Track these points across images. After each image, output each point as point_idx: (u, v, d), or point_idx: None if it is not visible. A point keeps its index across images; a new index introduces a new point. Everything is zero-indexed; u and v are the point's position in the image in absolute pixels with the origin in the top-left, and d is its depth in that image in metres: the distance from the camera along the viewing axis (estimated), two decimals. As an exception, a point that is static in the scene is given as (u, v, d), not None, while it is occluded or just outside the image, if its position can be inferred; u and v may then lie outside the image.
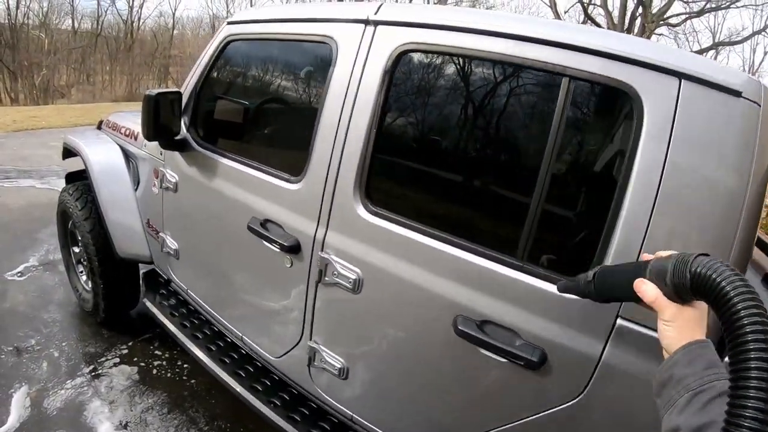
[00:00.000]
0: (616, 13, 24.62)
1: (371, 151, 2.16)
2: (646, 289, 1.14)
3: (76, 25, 46.27)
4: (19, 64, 42.06)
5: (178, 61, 48.32)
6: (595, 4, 26.44)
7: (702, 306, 1.11)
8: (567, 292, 1.56)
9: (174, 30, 50.12)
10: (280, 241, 2.42)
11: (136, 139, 3.68)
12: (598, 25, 25.20)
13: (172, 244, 3.30)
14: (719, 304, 0.96)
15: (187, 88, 3.08)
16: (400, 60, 2.12)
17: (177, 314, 3.44)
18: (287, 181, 2.46)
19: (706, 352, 1.05)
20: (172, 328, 3.33)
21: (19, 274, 5.22)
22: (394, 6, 2.22)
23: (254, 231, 2.56)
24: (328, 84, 2.31)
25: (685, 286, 1.05)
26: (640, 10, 23.69)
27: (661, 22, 23.46)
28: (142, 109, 2.84)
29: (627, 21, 24.00)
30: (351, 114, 2.21)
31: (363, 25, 2.25)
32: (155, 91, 2.81)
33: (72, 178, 4.43)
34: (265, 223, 2.55)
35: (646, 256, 1.23)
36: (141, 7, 47.21)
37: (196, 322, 3.37)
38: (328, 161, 2.28)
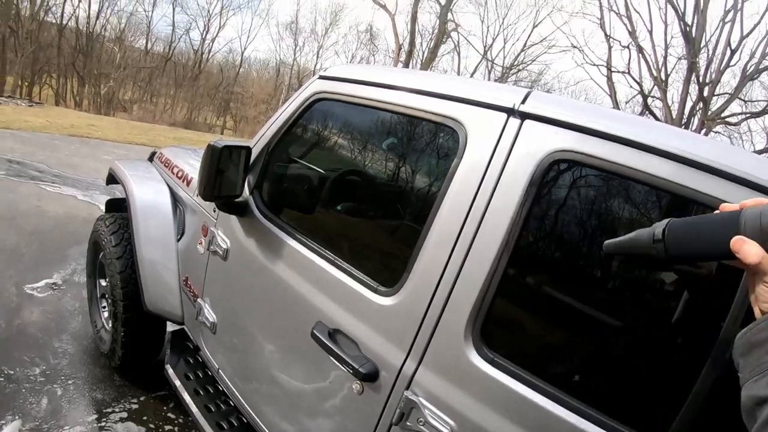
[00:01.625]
0: (675, 107, 24.37)
1: (499, 280, 1.50)
2: (748, 249, 0.89)
3: (149, 45, 47.34)
4: (89, 72, 42.76)
5: (239, 98, 48.98)
6: (654, 97, 26.38)
7: None
8: (619, 252, 1.11)
9: (240, 68, 50.89)
10: (354, 364, 1.74)
11: (188, 184, 3.06)
12: (657, 118, 25.20)
13: (210, 315, 2.63)
14: None
15: (258, 144, 2.45)
16: (552, 169, 1.49)
17: (202, 392, 2.76)
18: (374, 290, 1.79)
19: None
20: (194, 408, 2.65)
21: (39, 290, 4.63)
22: (548, 98, 1.63)
23: (319, 341, 1.88)
24: (448, 180, 1.68)
25: None
26: (700, 105, 23.25)
27: (718, 120, 22.80)
28: (203, 160, 2.23)
29: (686, 116, 23.66)
30: (478, 226, 1.56)
31: (505, 115, 1.62)
32: (222, 142, 2.21)
33: (113, 206, 3.90)
34: (335, 333, 1.87)
35: (730, 206, 0.98)
36: (213, 40, 48.26)
37: (222, 407, 2.67)
38: (437, 280, 1.61)
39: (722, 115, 23.11)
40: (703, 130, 21.91)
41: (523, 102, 1.60)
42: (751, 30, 22.37)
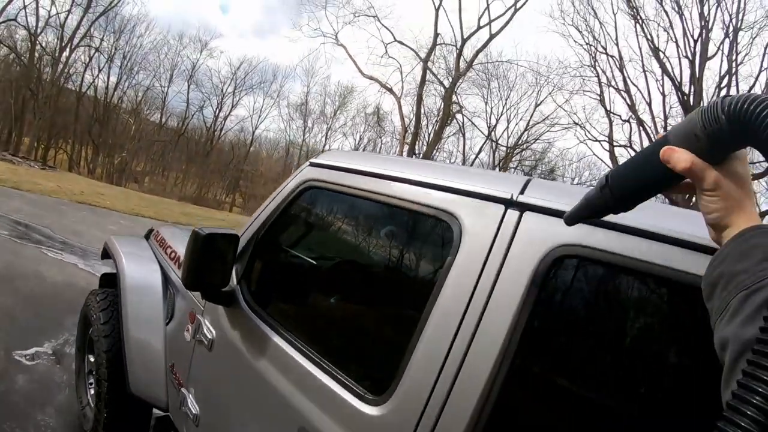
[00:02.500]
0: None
1: (500, 388, 1.30)
2: (675, 155, 0.83)
3: (163, 120, 48.20)
4: (104, 141, 43.24)
5: (248, 176, 49.49)
6: None
7: (746, 167, 0.84)
8: (578, 220, 1.04)
9: (251, 146, 51.72)
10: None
11: (180, 267, 2.91)
12: None
13: (193, 406, 2.42)
14: None
15: (247, 232, 2.33)
16: (556, 266, 1.30)
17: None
18: (361, 398, 1.59)
19: (765, 241, 0.74)
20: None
21: (28, 357, 4.41)
22: (550, 186, 1.48)
23: (302, 450, 1.67)
24: (443, 277, 1.49)
25: (723, 129, 0.76)
26: None
27: None
28: (187, 247, 2.09)
29: None
30: (475, 329, 1.37)
31: (503, 207, 1.45)
32: (207, 229, 2.06)
33: (107, 281, 3.72)
34: (320, 443, 1.67)
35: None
36: (225, 118, 49.26)
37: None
38: (430, 389, 1.42)
39: None
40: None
41: (521, 191, 1.44)
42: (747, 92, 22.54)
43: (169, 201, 25.75)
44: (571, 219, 1.03)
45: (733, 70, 22.61)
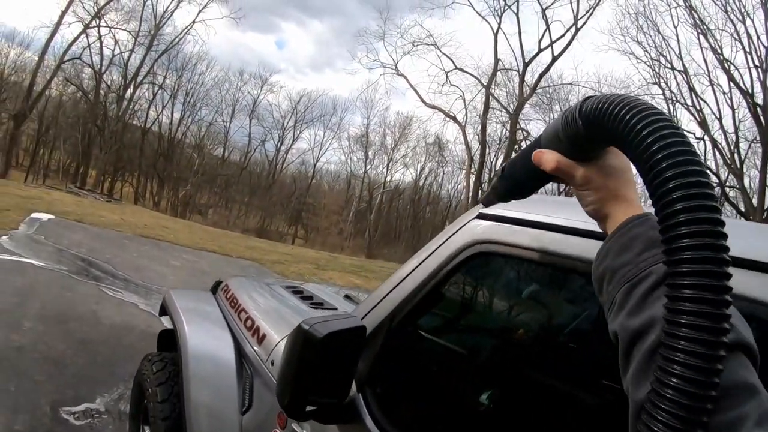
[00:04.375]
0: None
1: None
2: (544, 157, 0.88)
3: (226, 154, 49.21)
4: (169, 174, 44.34)
5: (310, 208, 50.02)
6: (732, 187, 25.24)
7: (621, 158, 0.84)
8: (492, 203, 1.14)
9: (312, 179, 52.29)
10: None
11: (260, 341, 2.23)
12: (738, 210, 24.32)
13: None
14: (621, 140, 0.71)
15: (372, 315, 1.60)
16: None
17: None
18: None
19: (644, 230, 0.76)
20: None
21: (76, 416, 3.82)
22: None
23: None
24: None
25: (579, 132, 0.79)
26: None
27: None
28: (286, 353, 1.39)
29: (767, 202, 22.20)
30: None
31: None
32: (323, 325, 1.33)
33: (166, 340, 3.11)
34: None
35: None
36: (287, 152, 50.03)
37: None
38: None
39: None
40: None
41: None
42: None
43: (232, 234, 25.67)
44: (488, 203, 1.17)
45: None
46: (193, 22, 41.48)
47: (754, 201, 22.61)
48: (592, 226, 1.15)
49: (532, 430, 1.37)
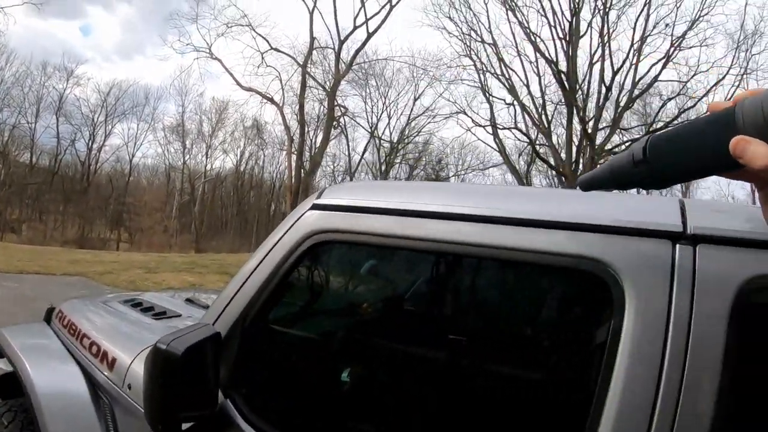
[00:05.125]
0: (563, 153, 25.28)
1: None
2: (754, 150, 0.63)
3: (34, 159, 44.81)
4: (-31, 192, 39.75)
5: (132, 209, 47.21)
6: (542, 144, 27.44)
7: None
8: (598, 188, 0.86)
9: (130, 176, 49.28)
10: None
11: (111, 367, 2.12)
12: (549, 165, 26.82)
13: None
14: None
15: (223, 318, 1.58)
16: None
17: None
18: None
19: None
20: None
21: None
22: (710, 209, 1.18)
23: None
24: (608, 352, 1.07)
25: None
26: (586, 143, 24.30)
27: (604, 153, 23.54)
28: (146, 375, 1.38)
29: (574, 155, 24.52)
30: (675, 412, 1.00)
31: (670, 244, 1.06)
32: (182, 341, 1.32)
33: (5, 384, 2.74)
34: None
35: (721, 104, 0.71)
36: (99, 150, 46.54)
37: None
38: None
39: (606, 147, 24.06)
40: (592, 165, 22.92)
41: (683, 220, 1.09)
42: (620, 66, 24.01)
43: (52, 249, 23.69)
44: (589, 185, 0.88)
45: (606, 49, 24.09)
46: None
47: (563, 155, 24.92)
48: (419, 206, 1.30)
49: (395, 394, 1.48)
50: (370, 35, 31.05)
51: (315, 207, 1.52)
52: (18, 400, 2.51)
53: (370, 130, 37.94)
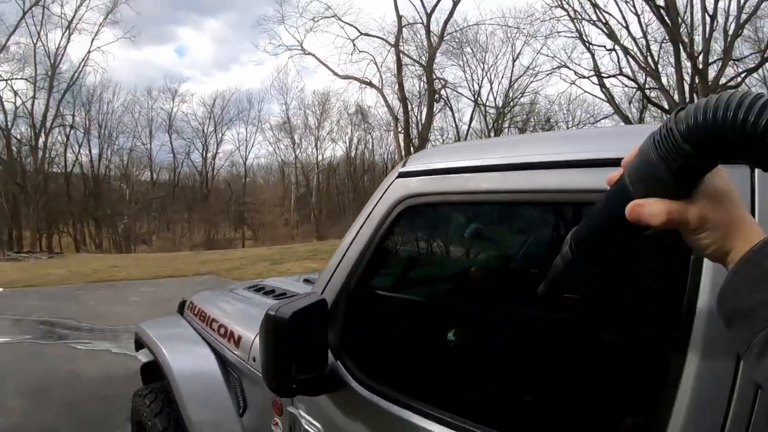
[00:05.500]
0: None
1: None
2: (646, 210, 0.68)
3: (154, 176, 48.00)
4: (103, 213, 43.12)
5: (251, 207, 49.24)
6: (652, 87, 26.13)
7: (723, 176, 0.69)
8: (552, 291, 0.90)
9: (246, 178, 51.46)
10: None
11: (238, 344, 2.33)
12: (662, 108, 25.32)
13: None
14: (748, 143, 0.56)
15: (329, 289, 1.71)
16: None
17: None
18: None
19: None
20: None
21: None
22: None
23: None
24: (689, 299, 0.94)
25: (689, 159, 0.62)
26: (698, 80, 22.71)
27: (719, 88, 21.62)
28: (262, 340, 1.52)
29: (687, 95, 23.01)
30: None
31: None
32: (286, 307, 1.46)
33: (149, 372, 3.09)
34: None
35: (613, 177, 0.76)
36: (214, 158, 49.04)
37: None
38: None
39: (720, 82, 22.31)
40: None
41: None
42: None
43: (182, 254, 25.31)
44: (546, 292, 0.91)
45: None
46: (89, 52, 39.93)
47: (675, 97, 23.45)
48: (505, 159, 1.30)
49: (501, 355, 1.51)
50: (456, 3, 30.67)
51: (401, 175, 1.58)
52: (158, 383, 2.78)
53: (473, 99, 37.40)
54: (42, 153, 39.19)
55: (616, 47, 25.43)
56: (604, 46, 26.55)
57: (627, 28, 25.01)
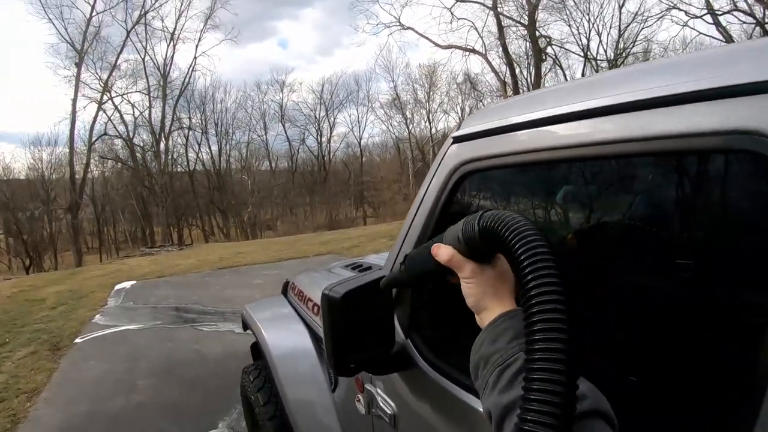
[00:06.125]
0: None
1: None
2: (440, 251, 1.01)
3: (273, 165, 49.74)
4: (228, 204, 45.31)
5: (370, 185, 49.98)
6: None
7: (505, 265, 0.98)
8: (388, 287, 1.32)
9: (362, 157, 52.39)
10: None
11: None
12: None
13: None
14: (509, 255, 0.86)
15: (392, 264, 1.68)
16: None
17: None
18: None
19: (513, 323, 0.87)
20: None
21: (204, 443, 4.15)
22: None
23: None
24: None
25: (475, 239, 0.93)
26: None
27: None
28: (323, 320, 1.47)
29: None
30: None
31: None
32: (341, 287, 1.43)
33: (256, 350, 3.29)
34: None
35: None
36: (329, 141, 50.25)
37: None
38: None
39: None
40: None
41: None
42: None
43: (305, 236, 26.05)
44: (384, 286, 1.31)
45: None
46: (195, 58, 42.70)
47: None
48: (569, 108, 1.09)
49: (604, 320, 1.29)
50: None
51: (455, 140, 1.47)
52: (261, 361, 2.94)
53: (583, 54, 35.87)
54: (165, 155, 42.19)
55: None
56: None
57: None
